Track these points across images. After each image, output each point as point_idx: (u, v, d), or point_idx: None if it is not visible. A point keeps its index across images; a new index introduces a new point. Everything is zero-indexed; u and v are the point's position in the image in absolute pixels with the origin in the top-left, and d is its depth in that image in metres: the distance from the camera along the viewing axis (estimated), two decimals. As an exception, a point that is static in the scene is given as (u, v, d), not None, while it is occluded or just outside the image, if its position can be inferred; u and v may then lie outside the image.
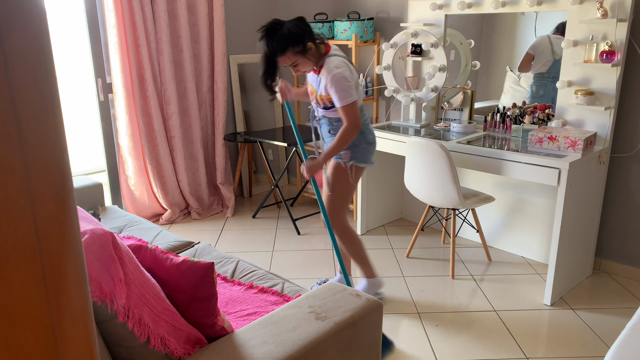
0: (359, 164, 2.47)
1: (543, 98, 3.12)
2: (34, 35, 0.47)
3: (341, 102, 2.28)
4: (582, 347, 2.41)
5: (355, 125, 2.32)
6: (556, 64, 3.02)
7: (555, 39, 2.99)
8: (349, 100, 2.27)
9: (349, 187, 2.52)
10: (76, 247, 0.53)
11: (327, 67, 2.29)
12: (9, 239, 0.47)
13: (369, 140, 2.47)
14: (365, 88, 3.87)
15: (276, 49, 2.28)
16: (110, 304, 1.20)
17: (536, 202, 3.25)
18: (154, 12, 3.65)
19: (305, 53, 2.31)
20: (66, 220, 0.51)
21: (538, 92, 3.13)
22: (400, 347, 2.43)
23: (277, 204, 4.36)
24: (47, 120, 0.48)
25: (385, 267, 3.22)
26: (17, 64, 0.46)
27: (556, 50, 2.98)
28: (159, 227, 2.62)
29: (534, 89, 3.14)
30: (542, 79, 3.11)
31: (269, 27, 2.28)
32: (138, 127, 3.71)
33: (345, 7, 4.02)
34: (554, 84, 3.00)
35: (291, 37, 2.26)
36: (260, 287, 1.98)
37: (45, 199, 0.49)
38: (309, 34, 2.31)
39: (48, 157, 0.49)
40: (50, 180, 0.49)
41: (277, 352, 1.33)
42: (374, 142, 2.52)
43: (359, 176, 2.54)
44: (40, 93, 0.48)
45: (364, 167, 2.53)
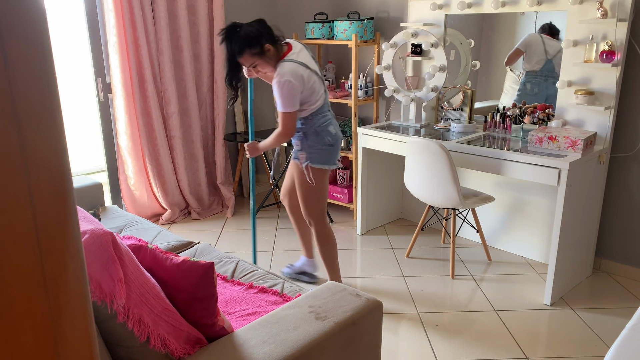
0: (314, 165, 2.51)
1: (537, 96, 3.14)
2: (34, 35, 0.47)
3: (280, 108, 2.36)
4: (582, 347, 2.42)
5: (286, 133, 2.40)
6: (549, 63, 3.05)
7: (547, 39, 3.03)
8: (286, 110, 2.34)
9: (309, 186, 2.56)
10: (76, 247, 0.53)
11: (278, 71, 2.33)
12: (9, 239, 0.47)
13: (326, 142, 2.49)
14: (366, 88, 3.87)
15: (234, 50, 2.33)
16: (110, 304, 1.20)
17: (536, 202, 3.25)
18: (154, 12, 3.65)
19: (263, 55, 2.35)
20: (66, 220, 0.51)
21: (532, 90, 3.16)
22: (401, 347, 2.43)
23: (277, 204, 4.36)
24: (47, 120, 0.48)
25: (385, 267, 3.22)
26: (17, 63, 0.46)
27: (548, 50, 3.02)
28: (159, 227, 2.62)
29: (528, 86, 3.16)
30: (536, 77, 3.13)
31: (228, 30, 2.34)
32: (138, 127, 3.71)
33: (345, 7, 4.02)
34: (547, 82, 3.02)
35: (248, 39, 2.31)
36: (260, 287, 1.98)
37: (45, 199, 0.49)
38: (267, 36, 2.35)
39: (48, 157, 0.49)
40: (50, 180, 0.49)
41: (277, 352, 1.33)
42: (334, 143, 2.52)
43: (319, 176, 2.55)
44: (40, 93, 0.48)
45: (324, 169, 2.55)
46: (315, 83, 2.39)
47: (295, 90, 2.31)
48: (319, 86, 2.42)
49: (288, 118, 2.36)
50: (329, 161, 2.53)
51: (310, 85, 2.37)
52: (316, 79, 2.40)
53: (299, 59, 2.36)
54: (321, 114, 2.45)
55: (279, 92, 2.31)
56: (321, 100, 2.45)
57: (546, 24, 3.04)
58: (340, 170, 4.12)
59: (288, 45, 2.41)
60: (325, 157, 2.51)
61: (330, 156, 2.53)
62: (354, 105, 3.76)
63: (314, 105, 2.42)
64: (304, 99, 2.39)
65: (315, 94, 2.40)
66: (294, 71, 2.31)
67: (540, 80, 3.10)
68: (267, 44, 2.34)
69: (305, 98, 2.39)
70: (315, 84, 2.40)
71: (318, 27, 3.88)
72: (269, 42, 2.35)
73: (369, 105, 4.08)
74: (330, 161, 2.54)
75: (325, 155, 2.51)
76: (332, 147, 2.51)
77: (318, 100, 2.43)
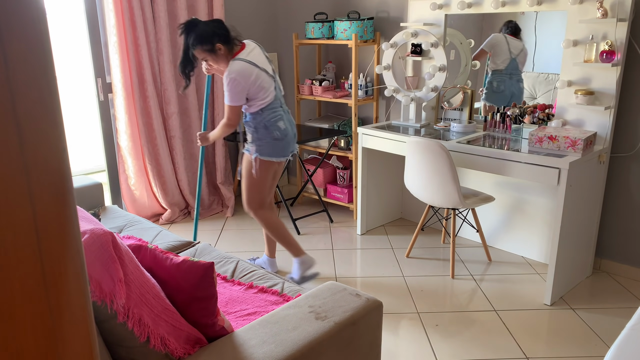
0: (262, 157, 2.67)
1: (503, 93, 3.30)
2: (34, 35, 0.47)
3: (226, 101, 2.57)
4: (582, 347, 2.42)
5: (229, 124, 2.62)
6: (513, 62, 3.22)
7: (511, 39, 3.20)
8: (231, 103, 2.55)
9: (253, 177, 2.73)
10: (76, 247, 0.53)
11: (228, 68, 2.53)
12: (9, 239, 0.47)
13: (275, 137, 2.65)
14: (366, 88, 3.87)
15: (189, 44, 2.55)
16: (110, 304, 1.20)
17: (536, 202, 3.25)
18: (154, 12, 3.65)
19: (214, 52, 2.55)
20: (66, 220, 0.51)
21: (499, 87, 3.33)
22: (401, 347, 2.43)
23: (277, 204, 4.36)
24: (47, 120, 0.48)
25: (385, 267, 3.23)
26: (17, 64, 0.46)
27: (512, 49, 3.20)
28: (159, 227, 2.62)
29: (494, 85, 3.33)
30: (501, 75, 3.30)
31: (187, 25, 2.55)
32: (138, 127, 3.71)
33: (345, 7, 4.02)
34: (512, 80, 3.18)
35: (200, 37, 2.52)
36: (260, 287, 1.99)
37: (45, 199, 0.49)
38: (220, 36, 2.54)
39: (48, 157, 0.49)
40: (50, 180, 0.49)
41: (277, 352, 1.33)
42: (283, 138, 2.67)
43: (267, 168, 2.71)
44: (40, 93, 0.48)
45: (272, 161, 2.70)
46: (263, 81, 2.56)
47: (240, 87, 2.51)
48: (269, 84, 2.59)
49: (232, 111, 2.58)
50: (277, 154, 2.69)
51: (258, 83, 2.54)
52: (265, 77, 2.57)
53: (248, 58, 2.53)
54: (271, 110, 2.62)
55: (226, 87, 2.52)
56: (271, 97, 2.61)
57: (511, 23, 3.19)
58: (340, 170, 4.12)
59: (242, 45, 2.60)
60: (273, 150, 2.67)
61: (279, 149, 2.68)
62: (354, 105, 3.76)
63: (262, 101, 2.59)
64: (252, 95, 2.57)
65: (263, 91, 2.57)
66: (241, 69, 2.50)
67: (506, 78, 3.28)
68: (219, 44, 2.54)
69: (254, 94, 2.56)
70: (264, 82, 2.56)
71: (318, 27, 3.88)
72: (221, 42, 2.54)
73: (369, 105, 4.08)
74: (279, 154, 2.69)
75: (273, 148, 2.67)
76: (280, 141, 2.67)
77: (267, 96, 2.59)
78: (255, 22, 4.41)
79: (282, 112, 2.67)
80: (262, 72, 2.55)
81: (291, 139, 2.72)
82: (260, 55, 2.60)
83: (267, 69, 2.58)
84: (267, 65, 2.61)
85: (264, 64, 2.58)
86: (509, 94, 3.26)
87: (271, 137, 2.64)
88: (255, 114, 2.62)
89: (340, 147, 4.05)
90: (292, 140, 2.73)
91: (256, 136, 2.65)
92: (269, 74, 2.59)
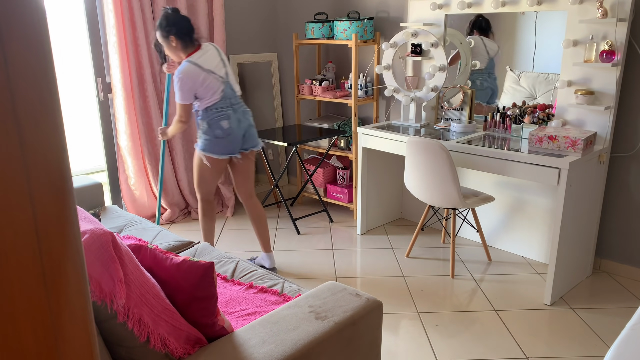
0: (205, 153, 2.85)
1: (485, 90, 3.49)
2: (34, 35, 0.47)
3: (176, 99, 2.75)
4: (582, 347, 2.42)
5: (181, 121, 2.81)
6: (491, 62, 3.41)
7: (487, 41, 3.38)
8: (180, 101, 2.74)
9: (199, 169, 2.92)
10: (76, 247, 0.53)
11: (177, 69, 2.72)
12: (9, 239, 0.47)
13: (216, 135, 2.81)
14: (366, 88, 3.87)
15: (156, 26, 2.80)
16: (110, 304, 1.20)
17: (536, 202, 3.25)
18: (154, 12, 3.65)
19: (168, 43, 2.75)
20: (66, 220, 0.51)
21: (482, 85, 3.48)
22: (401, 347, 2.43)
23: (277, 204, 4.36)
24: (47, 120, 0.48)
25: (385, 267, 3.23)
26: (17, 64, 0.46)
27: (489, 50, 3.38)
28: (159, 227, 2.62)
29: (478, 82, 3.49)
30: (481, 74, 3.47)
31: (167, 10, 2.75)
32: (137, 126, 3.71)
33: (345, 7, 4.02)
34: (490, 79, 3.36)
35: (160, 25, 2.73)
36: (260, 287, 1.99)
37: (45, 199, 0.49)
38: (178, 33, 2.71)
39: (48, 157, 0.49)
40: (50, 180, 0.49)
41: (277, 352, 1.33)
42: (225, 137, 2.81)
43: (213, 164, 2.87)
44: (40, 93, 0.48)
45: (215, 158, 2.85)
46: (211, 83, 2.73)
47: (186, 87, 2.69)
48: (217, 85, 2.75)
49: (182, 108, 2.77)
50: (219, 151, 2.84)
51: (206, 84, 2.72)
52: (212, 79, 2.74)
53: (198, 61, 2.71)
54: (216, 109, 2.78)
55: (175, 86, 2.71)
56: (217, 97, 2.77)
57: (480, 21, 3.37)
58: (340, 170, 4.12)
59: (197, 47, 2.77)
60: (215, 147, 2.83)
61: (220, 147, 2.83)
62: (353, 105, 3.76)
63: (208, 100, 2.76)
64: (200, 94, 2.74)
65: (210, 91, 2.74)
66: (188, 71, 2.67)
67: (485, 76, 3.46)
68: (173, 37, 2.71)
69: (201, 94, 2.74)
70: (212, 83, 2.73)
71: (318, 27, 3.88)
72: (176, 36, 2.71)
73: (369, 105, 4.08)
74: (220, 152, 2.84)
75: (215, 145, 2.82)
76: (222, 140, 2.82)
77: (213, 97, 2.76)
78: (255, 22, 4.41)
79: (230, 111, 2.82)
80: (209, 75, 2.73)
81: (236, 138, 2.85)
82: (213, 59, 2.77)
83: (216, 72, 2.76)
84: (220, 68, 2.79)
85: (215, 67, 2.76)
86: (490, 91, 3.46)
87: (213, 135, 2.80)
88: (204, 112, 2.80)
89: (340, 147, 4.05)
90: (237, 140, 2.86)
91: (201, 132, 2.84)
92: (219, 76, 2.77)
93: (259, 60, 4.50)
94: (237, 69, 4.37)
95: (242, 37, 4.36)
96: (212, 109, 2.77)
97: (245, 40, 4.39)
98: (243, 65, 4.44)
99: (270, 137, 3.82)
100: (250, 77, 4.50)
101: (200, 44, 2.78)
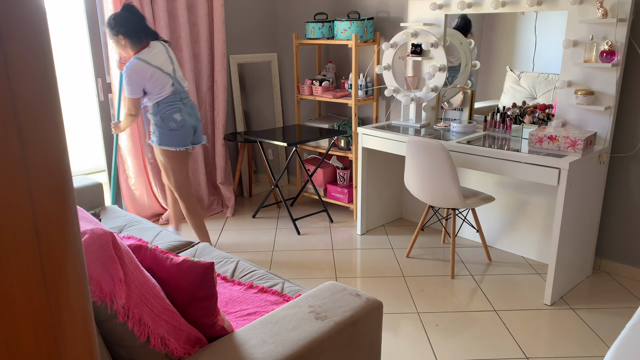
0: (161, 146, 2.98)
1: None
2: (34, 35, 0.47)
3: (125, 94, 2.88)
4: (582, 347, 2.42)
5: (131, 114, 2.93)
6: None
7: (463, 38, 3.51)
8: (129, 95, 2.86)
9: (165, 164, 3.06)
10: (76, 247, 0.53)
11: (125, 65, 2.85)
12: (9, 239, 0.47)
13: (170, 127, 2.94)
14: (366, 88, 3.87)
15: None
16: (110, 304, 1.20)
17: (536, 202, 3.25)
18: (154, 12, 3.65)
19: (116, 41, 2.86)
20: (66, 220, 0.51)
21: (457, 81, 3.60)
22: (401, 347, 2.43)
23: (277, 204, 4.36)
24: (47, 120, 0.48)
25: (385, 267, 3.23)
26: (17, 64, 0.46)
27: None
28: (159, 227, 2.62)
29: (449, 80, 3.61)
30: (455, 70, 3.58)
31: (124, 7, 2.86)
32: (137, 126, 3.71)
33: (345, 7, 4.02)
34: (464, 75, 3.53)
35: (109, 24, 2.84)
36: (260, 287, 1.99)
37: (45, 199, 0.49)
38: (126, 32, 2.82)
39: (48, 157, 0.49)
40: (50, 180, 0.49)
41: (277, 352, 1.33)
42: (178, 129, 2.95)
43: (170, 156, 3.01)
44: (40, 93, 0.48)
45: (174, 150, 2.99)
46: (159, 78, 2.85)
47: (134, 82, 2.81)
48: (165, 80, 2.88)
49: (131, 102, 2.89)
50: (175, 144, 2.97)
51: (154, 80, 2.84)
52: (161, 74, 2.86)
53: (146, 58, 2.82)
54: (167, 103, 2.90)
55: (124, 81, 2.83)
56: (167, 92, 2.89)
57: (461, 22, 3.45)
58: (340, 170, 4.12)
59: (146, 44, 2.87)
60: (169, 140, 2.96)
61: (176, 139, 2.96)
62: (354, 105, 3.76)
63: (158, 95, 2.88)
64: (149, 89, 2.86)
65: (158, 86, 2.86)
66: (135, 67, 2.80)
67: (456, 73, 3.59)
68: (122, 36, 2.83)
69: (150, 89, 2.86)
70: (160, 79, 2.86)
71: (318, 27, 3.88)
72: (125, 36, 2.82)
73: (369, 105, 4.08)
74: (177, 144, 2.97)
75: (169, 138, 2.95)
76: (176, 132, 2.95)
77: (162, 92, 2.88)
78: (255, 22, 4.41)
79: (181, 105, 2.95)
80: (157, 71, 2.84)
81: (189, 131, 2.99)
82: (161, 55, 2.88)
83: (163, 68, 2.87)
84: (168, 65, 2.90)
85: (162, 63, 2.87)
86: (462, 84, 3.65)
87: (167, 127, 2.93)
88: (154, 107, 2.92)
89: (340, 147, 4.05)
90: (190, 132, 3.00)
91: (155, 127, 2.96)
92: (166, 72, 2.88)
93: (259, 60, 4.50)
94: (237, 69, 4.37)
95: (242, 37, 4.36)
96: (163, 103, 2.90)
97: (245, 40, 4.38)
98: (243, 65, 4.44)
99: (270, 137, 3.82)
100: (250, 77, 4.50)
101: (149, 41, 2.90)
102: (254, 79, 4.51)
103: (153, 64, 2.84)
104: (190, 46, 3.86)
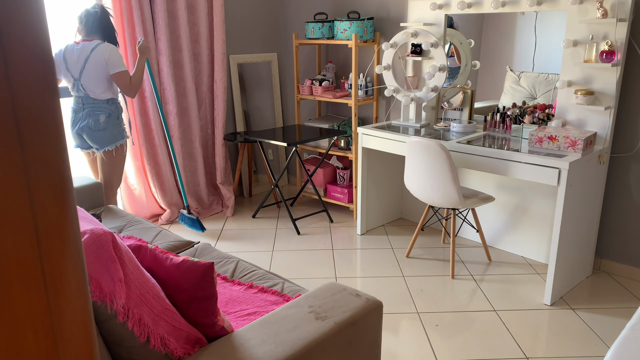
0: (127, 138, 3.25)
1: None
2: (34, 36, 0.47)
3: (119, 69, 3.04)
4: (582, 347, 2.42)
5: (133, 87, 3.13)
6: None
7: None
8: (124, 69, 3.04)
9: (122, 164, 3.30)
10: (76, 247, 0.53)
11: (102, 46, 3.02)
12: (9, 239, 0.47)
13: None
14: (366, 88, 3.87)
15: None
16: (110, 304, 1.20)
17: (536, 202, 3.25)
18: (153, 11, 3.65)
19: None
20: (66, 220, 0.51)
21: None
22: (401, 347, 2.43)
23: (277, 204, 4.36)
24: (47, 120, 0.48)
25: (385, 267, 3.23)
26: (17, 64, 0.46)
27: None
28: (159, 227, 2.62)
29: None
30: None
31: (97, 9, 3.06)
32: (136, 127, 3.71)
33: (345, 7, 4.02)
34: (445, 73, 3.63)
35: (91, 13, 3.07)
36: (260, 287, 1.98)
37: (45, 199, 0.49)
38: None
39: (48, 157, 0.49)
40: (50, 180, 0.49)
41: (277, 352, 1.33)
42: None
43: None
44: (40, 93, 0.48)
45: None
46: (60, 72, 3.02)
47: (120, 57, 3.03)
48: (66, 77, 3.02)
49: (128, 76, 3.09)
50: None
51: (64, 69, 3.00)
52: (62, 69, 3.00)
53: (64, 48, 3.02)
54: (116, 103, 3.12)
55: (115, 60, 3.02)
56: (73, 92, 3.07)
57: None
58: (340, 170, 4.12)
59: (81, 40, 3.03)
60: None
61: None
62: (354, 105, 3.76)
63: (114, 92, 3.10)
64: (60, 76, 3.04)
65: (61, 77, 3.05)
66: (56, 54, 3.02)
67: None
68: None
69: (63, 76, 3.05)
70: (61, 73, 3.02)
71: (318, 27, 3.88)
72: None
73: (369, 105, 4.08)
74: None
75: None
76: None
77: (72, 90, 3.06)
78: (255, 22, 4.41)
79: (75, 107, 3.11)
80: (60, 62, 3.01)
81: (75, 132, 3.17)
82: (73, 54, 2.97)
83: (63, 63, 3.00)
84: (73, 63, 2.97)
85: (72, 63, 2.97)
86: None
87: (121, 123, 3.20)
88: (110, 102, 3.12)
89: (340, 147, 4.05)
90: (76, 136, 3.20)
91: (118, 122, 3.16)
92: (69, 70, 3.01)
93: (259, 60, 4.50)
94: (237, 69, 4.37)
95: (242, 37, 4.36)
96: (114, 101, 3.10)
97: (245, 40, 4.38)
98: (243, 65, 4.44)
99: (270, 137, 3.82)
100: (250, 77, 4.50)
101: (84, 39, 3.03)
102: (253, 79, 4.51)
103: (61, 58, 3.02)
104: (190, 46, 3.86)
